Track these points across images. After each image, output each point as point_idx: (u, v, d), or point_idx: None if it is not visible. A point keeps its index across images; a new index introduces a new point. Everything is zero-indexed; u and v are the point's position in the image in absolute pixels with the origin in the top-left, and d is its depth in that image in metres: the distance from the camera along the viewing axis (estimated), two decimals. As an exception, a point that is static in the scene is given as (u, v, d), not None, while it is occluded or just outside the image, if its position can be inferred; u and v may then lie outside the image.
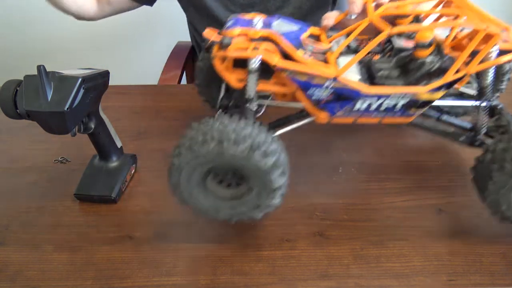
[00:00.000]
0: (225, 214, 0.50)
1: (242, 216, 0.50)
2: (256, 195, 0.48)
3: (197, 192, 0.49)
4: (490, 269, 0.50)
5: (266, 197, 0.48)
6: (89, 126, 0.57)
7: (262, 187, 0.47)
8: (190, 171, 0.47)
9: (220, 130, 0.45)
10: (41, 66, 0.47)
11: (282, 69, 0.48)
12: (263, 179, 0.46)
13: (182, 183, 0.48)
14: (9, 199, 0.62)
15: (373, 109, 0.51)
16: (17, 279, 0.50)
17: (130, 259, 0.52)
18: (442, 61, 0.49)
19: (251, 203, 0.49)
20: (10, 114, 0.51)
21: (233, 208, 0.50)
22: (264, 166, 0.45)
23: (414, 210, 0.58)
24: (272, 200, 0.48)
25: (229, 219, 0.51)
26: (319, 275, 0.50)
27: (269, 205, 0.49)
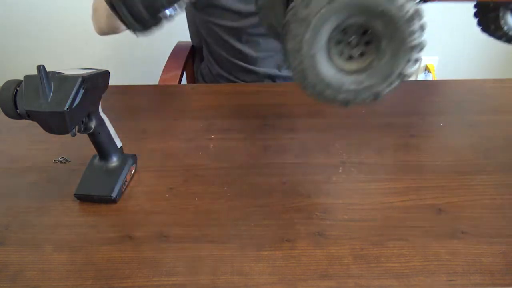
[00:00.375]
0: (348, 91, 0.43)
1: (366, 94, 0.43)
2: (388, 60, 0.42)
3: (320, 58, 0.42)
4: (490, 269, 0.50)
5: (401, 60, 0.42)
6: (89, 126, 0.57)
7: (398, 46, 0.41)
8: (319, 24, 0.40)
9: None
10: (41, 66, 0.47)
11: None
12: (401, 33, 0.40)
13: (305, 43, 0.41)
14: (9, 199, 0.62)
15: None
16: (17, 279, 0.50)
17: (130, 259, 0.52)
18: None
19: (382, 71, 0.43)
20: (10, 114, 0.51)
21: (359, 82, 0.43)
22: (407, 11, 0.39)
23: (414, 210, 0.58)
24: (406, 66, 0.42)
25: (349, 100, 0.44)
26: (319, 275, 0.50)
27: (401, 74, 0.42)
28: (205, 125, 0.77)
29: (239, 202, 0.60)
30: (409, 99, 0.86)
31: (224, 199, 0.61)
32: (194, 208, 0.59)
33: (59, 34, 1.52)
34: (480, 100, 0.85)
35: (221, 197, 0.61)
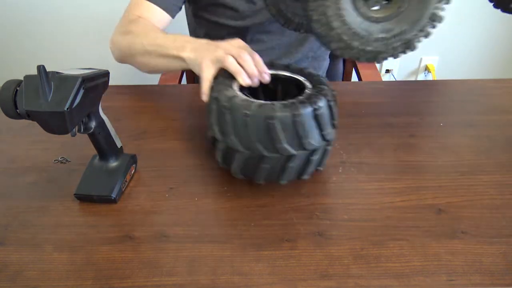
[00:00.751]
0: (377, 40, 0.42)
1: (397, 43, 0.42)
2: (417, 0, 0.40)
3: (345, 6, 0.41)
4: (490, 269, 0.50)
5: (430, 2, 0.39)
6: (89, 126, 0.57)
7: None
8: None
9: None
10: (41, 66, 0.47)
11: None
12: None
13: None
14: (9, 199, 0.62)
15: None
16: (17, 279, 0.50)
17: (130, 259, 0.52)
18: None
19: (410, 16, 0.40)
20: (10, 114, 0.51)
21: (388, 30, 0.41)
22: None
23: (414, 210, 0.58)
24: (437, 5, 0.39)
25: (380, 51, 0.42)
26: (319, 275, 0.50)
27: (434, 15, 0.40)
28: (205, 125, 0.77)
29: (239, 202, 0.60)
30: (409, 99, 0.86)
31: (224, 199, 0.61)
32: (194, 208, 0.59)
33: (59, 34, 1.52)
34: (480, 100, 0.85)
35: (221, 197, 0.61)
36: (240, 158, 0.57)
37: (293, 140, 0.54)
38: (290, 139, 0.54)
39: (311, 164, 0.58)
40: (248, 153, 0.55)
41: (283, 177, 0.58)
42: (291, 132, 0.54)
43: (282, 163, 0.56)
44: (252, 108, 0.53)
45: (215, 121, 0.58)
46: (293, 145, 0.54)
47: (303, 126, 0.53)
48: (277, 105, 0.53)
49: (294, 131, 0.53)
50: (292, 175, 0.59)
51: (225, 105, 0.55)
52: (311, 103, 0.54)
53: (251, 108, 0.53)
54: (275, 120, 0.52)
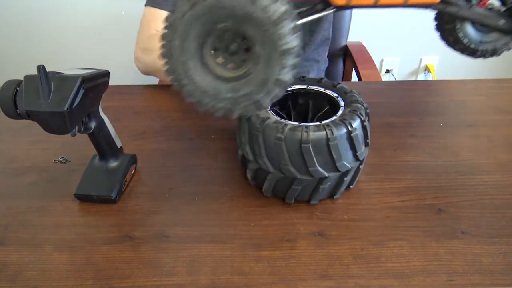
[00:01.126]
0: (226, 100, 0.43)
1: (247, 102, 0.43)
2: (263, 65, 0.41)
3: (192, 65, 0.41)
4: (490, 269, 0.50)
5: (275, 66, 0.40)
6: (89, 126, 0.57)
7: (271, 50, 0.39)
8: (185, 29, 0.39)
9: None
10: (41, 66, 0.47)
11: None
12: (271, 35, 0.38)
13: (175, 48, 0.40)
14: (9, 199, 0.62)
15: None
16: (17, 279, 0.50)
17: (130, 259, 0.52)
18: None
19: (256, 80, 0.41)
20: (10, 114, 0.51)
21: (235, 90, 0.42)
22: (273, 13, 0.37)
23: (414, 210, 0.58)
24: (282, 72, 0.41)
25: (230, 109, 0.43)
26: (319, 275, 0.50)
27: (279, 80, 0.41)
28: (205, 125, 0.77)
29: (239, 202, 0.60)
30: (409, 99, 0.86)
31: (224, 199, 0.61)
32: (194, 208, 0.59)
33: (59, 34, 1.52)
34: (480, 100, 0.85)
35: (221, 197, 0.61)
36: (271, 179, 0.56)
37: (326, 163, 0.53)
38: (323, 162, 0.53)
39: (343, 184, 0.58)
40: (280, 175, 0.55)
41: (314, 197, 0.58)
42: (325, 154, 0.53)
43: (314, 185, 0.56)
44: (285, 131, 0.52)
45: (246, 141, 0.57)
46: (326, 168, 0.54)
47: (337, 148, 0.52)
48: (311, 127, 0.52)
49: (327, 153, 0.53)
50: (324, 195, 0.59)
51: (258, 127, 0.54)
52: (345, 125, 0.53)
53: (284, 131, 0.52)
54: (309, 144, 0.51)
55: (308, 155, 0.52)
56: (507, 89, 0.89)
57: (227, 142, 0.71)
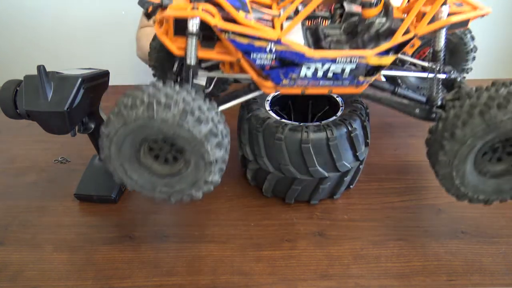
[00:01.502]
0: (161, 192, 0.47)
1: (181, 195, 0.47)
2: (193, 169, 0.45)
3: (130, 167, 0.46)
4: (490, 269, 0.50)
5: (203, 172, 0.45)
6: (89, 126, 0.57)
7: (199, 159, 0.44)
8: (120, 140, 0.43)
9: (151, 93, 0.41)
10: (41, 66, 0.47)
11: (222, 30, 0.44)
12: (198, 150, 0.43)
13: (113, 154, 0.44)
14: (9, 199, 0.62)
15: (320, 76, 0.47)
16: (17, 279, 0.50)
17: (130, 259, 0.52)
18: (392, 22, 0.46)
19: (188, 179, 0.46)
20: (10, 114, 0.51)
21: (170, 185, 0.47)
22: (198, 134, 0.41)
23: (414, 210, 0.58)
24: (210, 176, 0.45)
25: (167, 198, 0.47)
26: (319, 275, 0.50)
27: (208, 182, 0.45)
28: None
29: (239, 202, 0.60)
30: (409, 99, 0.86)
31: (224, 199, 0.61)
32: (194, 208, 0.59)
33: (59, 34, 1.52)
34: (480, 100, 0.85)
35: (221, 197, 0.61)
36: (271, 179, 0.56)
37: (326, 163, 0.53)
38: (323, 162, 0.53)
39: (343, 184, 0.58)
40: (280, 175, 0.55)
41: (314, 197, 0.58)
42: (325, 155, 0.53)
43: (314, 185, 0.56)
44: (285, 131, 0.52)
45: (246, 141, 0.57)
46: (326, 168, 0.54)
47: (337, 148, 0.52)
48: (311, 127, 0.52)
49: (327, 153, 0.53)
50: (324, 195, 0.59)
51: (258, 127, 0.54)
52: (345, 125, 0.53)
53: (284, 131, 0.52)
54: (309, 144, 0.51)
55: (308, 155, 0.52)
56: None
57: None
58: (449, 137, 0.44)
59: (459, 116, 0.43)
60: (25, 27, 1.54)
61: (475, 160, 0.46)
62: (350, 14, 0.49)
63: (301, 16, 0.45)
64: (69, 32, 1.53)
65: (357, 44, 0.47)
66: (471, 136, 0.43)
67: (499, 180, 0.47)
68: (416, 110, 0.51)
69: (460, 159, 0.45)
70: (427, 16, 0.45)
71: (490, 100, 0.42)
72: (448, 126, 0.44)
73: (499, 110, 0.41)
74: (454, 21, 0.46)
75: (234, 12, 0.45)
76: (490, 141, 0.44)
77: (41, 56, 1.55)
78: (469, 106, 0.43)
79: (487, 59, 1.68)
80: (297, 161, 0.53)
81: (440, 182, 0.48)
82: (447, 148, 0.44)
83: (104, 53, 1.53)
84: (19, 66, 1.63)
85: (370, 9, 0.45)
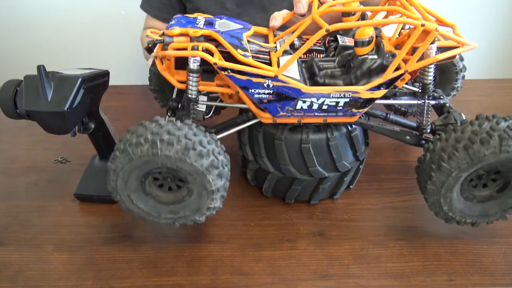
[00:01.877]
0: (167, 218, 0.50)
1: (185, 220, 0.50)
2: (196, 197, 0.48)
3: (136, 197, 0.49)
4: (490, 269, 0.50)
5: (206, 200, 0.47)
6: (89, 126, 0.57)
7: (201, 189, 0.47)
8: (126, 175, 0.46)
9: (154, 131, 0.44)
10: (41, 66, 0.47)
11: (222, 68, 0.47)
12: (201, 181, 0.46)
13: (120, 186, 0.47)
14: (9, 199, 0.62)
15: (315, 109, 0.49)
16: (17, 279, 0.50)
17: (130, 259, 0.52)
18: (384, 59, 0.48)
19: (192, 207, 0.49)
20: (10, 114, 0.51)
21: (175, 212, 0.50)
22: (200, 167, 0.44)
23: (414, 210, 0.58)
24: (212, 203, 0.48)
25: (172, 222, 0.50)
26: (319, 275, 0.50)
27: (210, 208, 0.48)
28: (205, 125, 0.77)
29: (239, 202, 0.60)
30: (409, 99, 0.86)
31: (224, 199, 0.61)
32: (194, 208, 0.59)
33: (60, 34, 1.52)
34: (480, 100, 0.85)
35: (221, 197, 0.61)
36: (271, 179, 0.57)
37: (326, 163, 0.54)
38: (323, 162, 0.53)
39: (343, 184, 0.58)
40: (280, 175, 0.55)
41: (314, 197, 0.58)
42: (325, 155, 0.53)
43: (314, 185, 0.56)
44: (285, 131, 0.52)
45: (246, 141, 0.57)
46: (326, 168, 0.54)
47: (337, 148, 0.53)
48: (310, 127, 0.53)
49: (328, 153, 0.53)
50: (324, 195, 0.59)
51: (258, 127, 0.54)
52: (345, 125, 0.53)
53: (284, 131, 0.52)
54: (309, 144, 0.52)
55: (308, 155, 0.52)
56: (507, 89, 0.89)
57: (227, 142, 0.71)
58: (436, 169, 0.47)
59: (445, 149, 0.46)
60: (25, 26, 1.54)
61: (462, 188, 0.49)
62: (344, 47, 0.51)
63: (298, 54, 0.47)
64: (69, 32, 1.53)
65: (350, 79, 0.49)
66: (456, 168, 0.46)
67: (485, 205, 0.51)
68: (407, 137, 0.54)
69: (447, 189, 0.48)
70: (416, 54, 0.47)
71: (474, 135, 0.45)
72: (435, 158, 0.47)
73: (482, 145, 0.44)
74: (441, 58, 0.48)
75: (233, 50, 0.48)
76: (475, 171, 0.47)
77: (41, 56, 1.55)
78: (454, 140, 0.46)
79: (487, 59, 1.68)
80: (297, 161, 0.53)
81: (429, 207, 0.51)
82: (434, 179, 0.47)
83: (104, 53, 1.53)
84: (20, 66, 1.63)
85: (363, 47, 0.48)
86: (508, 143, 0.44)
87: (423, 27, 0.45)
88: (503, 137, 0.44)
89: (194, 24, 0.50)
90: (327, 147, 0.52)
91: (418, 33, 0.45)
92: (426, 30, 0.45)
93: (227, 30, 0.50)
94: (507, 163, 0.46)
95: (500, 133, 0.44)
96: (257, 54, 0.51)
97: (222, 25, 0.52)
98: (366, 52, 0.48)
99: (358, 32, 0.47)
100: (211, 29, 0.49)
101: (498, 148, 0.44)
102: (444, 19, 0.50)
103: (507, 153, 0.44)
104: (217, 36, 0.48)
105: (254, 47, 0.52)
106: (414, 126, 0.55)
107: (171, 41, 0.48)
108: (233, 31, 0.51)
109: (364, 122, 0.53)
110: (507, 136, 0.44)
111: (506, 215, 0.51)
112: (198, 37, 0.48)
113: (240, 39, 0.50)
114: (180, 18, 0.52)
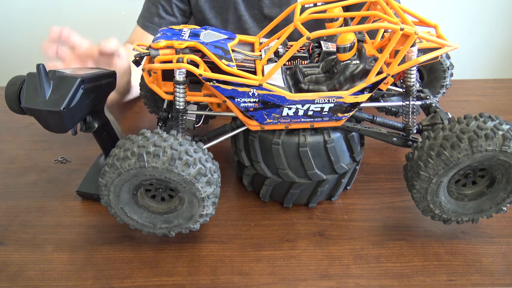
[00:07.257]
0: (162, 228, 0.50)
1: (180, 229, 0.50)
2: (187, 206, 0.48)
3: (129, 210, 0.49)
4: (490, 269, 0.50)
5: (197, 207, 0.48)
6: (92, 125, 0.56)
7: (192, 197, 0.47)
8: (117, 189, 0.47)
9: (141, 144, 0.45)
10: (41, 65, 0.47)
11: (207, 79, 0.48)
12: (190, 189, 0.46)
13: (112, 202, 0.48)
14: (9, 199, 0.62)
15: (301, 115, 0.50)
16: (17, 279, 0.50)
17: (130, 259, 0.52)
18: (366, 63, 0.49)
19: (184, 215, 0.49)
20: (14, 109, 0.51)
21: (169, 221, 0.50)
22: (187, 176, 0.45)
23: (414, 210, 0.58)
24: (204, 210, 0.48)
25: (167, 232, 0.51)
26: (319, 275, 0.50)
27: (203, 215, 0.49)
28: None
29: (239, 202, 0.60)
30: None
31: (224, 199, 0.61)
32: (194, 208, 0.59)
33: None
34: (480, 100, 0.85)
35: (221, 197, 0.61)
36: (269, 184, 0.56)
37: (324, 165, 0.54)
38: (321, 165, 0.53)
39: (340, 186, 0.58)
40: (278, 180, 0.55)
41: (312, 200, 0.58)
42: (323, 157, 0.53)
43: (312, 188, 0.56)
44: (282, 135, 0.52)
45: (242, 147, 0.57)
46: (324, 170, 0.54)
47: (334, 150, 0.53)
48: (307, 131, 0.53)
49: (325, 156, 0.53)
50: (322, 198, 0.59)
51: (253, 132, 0.54)
52: (342, 126, 0.53)
53: (281, 135, 0.52)
54: (306, 148, 0.52)
55: (306, 159, 0.52)
56: (507, 89, 0.89)
57: (227, 142, 0.71)
58: (416, 177, 0.48)
59: (421, 157, 0.47)
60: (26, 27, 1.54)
61: (449, 190, 0.50)
62: (327, 53, 0.52)
63: (281, 62, 0.48)
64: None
65: (334, 85, 0.49)
66: (434, 175, 0.46)
67: (478, 202, 0.51)
68: (393, 138, 0.55)
69: (432, 194, 0.48)
70: (397, 57, 0.47)
71: (445, 141, 0.45)
72: (414, 167, 0.48)
73: (454, 149, 0.45)
74: (422, 60, 0.49)
75: (218, 61, 0.48)
76: (456, 173, 0.47)
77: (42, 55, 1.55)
78: (428, 148, 0.47)
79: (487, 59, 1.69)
80: (295, 165, 0.53)
81: (423, 213, 0.51)
82: (417, 187, 0.48)
83: (104, 53, 1.54)
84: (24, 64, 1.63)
85: (345, 53, 0.48)
86: (479, 143, 0.44)
87: (402, 31, 0.45)
88: (473, 139, 0.44)
89: (179, 36, 0.51)
90: (324, 149, 0.52)
91: (398, 37, 0.46)
92: (405, 33, 0.46)
93: (212, 41, 0.51)
94: (486, 161, 0.46)
95: (470, 135, 0.44)
96: (242, 63, 0.51)
97: (207, 36, 0.52)
98: (348, 58, 0.49)
99: (340, 38, 0.48)
100: (195, 40, 0.50)
101: (470, 150, 0.44)
102: (427, 19, 0.51)
103: (480, 153, 0.44)
104: (202, 47, 0.49)
105: (239, 56, 0.52)
106: (401, 128, 0.55)
107: (157, 54, 0.49)
108: (217, 41, 0.51)
109: (350, 125, 0.54)
110: (476, 137, 0.44)
111: (502, 207, 0.51)
112: (183, 49, 0.49)
113: (225, 49, 0.50)
114: (166, 31, 0.52)
